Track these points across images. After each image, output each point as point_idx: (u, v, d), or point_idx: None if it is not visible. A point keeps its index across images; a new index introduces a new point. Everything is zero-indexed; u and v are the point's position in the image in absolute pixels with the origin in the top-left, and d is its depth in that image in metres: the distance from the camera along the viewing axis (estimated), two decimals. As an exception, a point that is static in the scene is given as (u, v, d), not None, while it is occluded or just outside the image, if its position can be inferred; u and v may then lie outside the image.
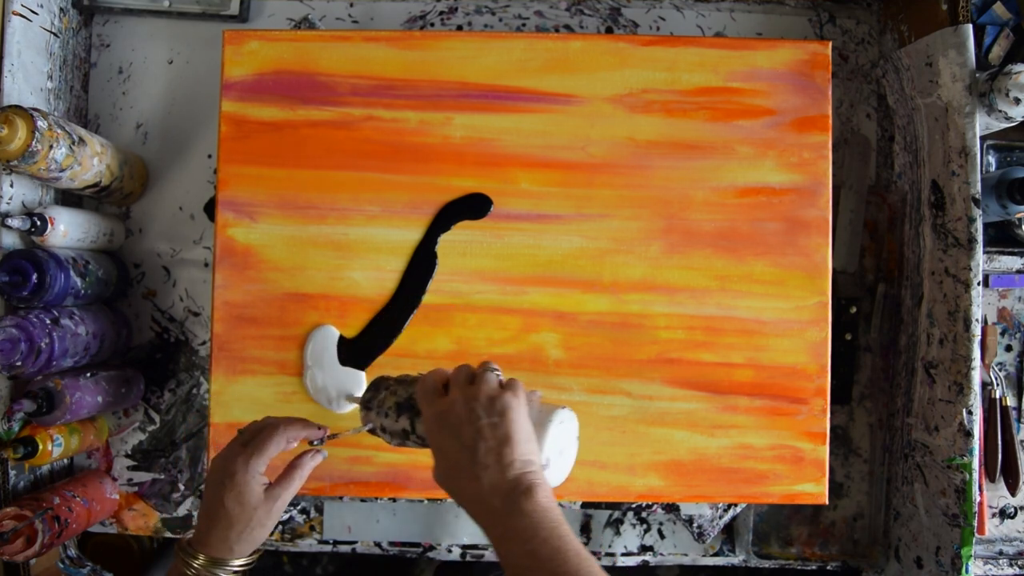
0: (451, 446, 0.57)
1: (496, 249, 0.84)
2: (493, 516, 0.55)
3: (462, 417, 0.57)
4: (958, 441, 0.85)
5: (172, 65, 1.00)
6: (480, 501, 0.56)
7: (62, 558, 0.93)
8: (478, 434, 0.56)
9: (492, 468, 0.55)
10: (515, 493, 0.54)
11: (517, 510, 0.54)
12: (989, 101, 0.84)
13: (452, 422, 0.58)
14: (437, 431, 0.58)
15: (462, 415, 0.57)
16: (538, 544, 0.52)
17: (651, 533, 1.00)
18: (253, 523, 0.60)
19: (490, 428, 0.56)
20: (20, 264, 0.81)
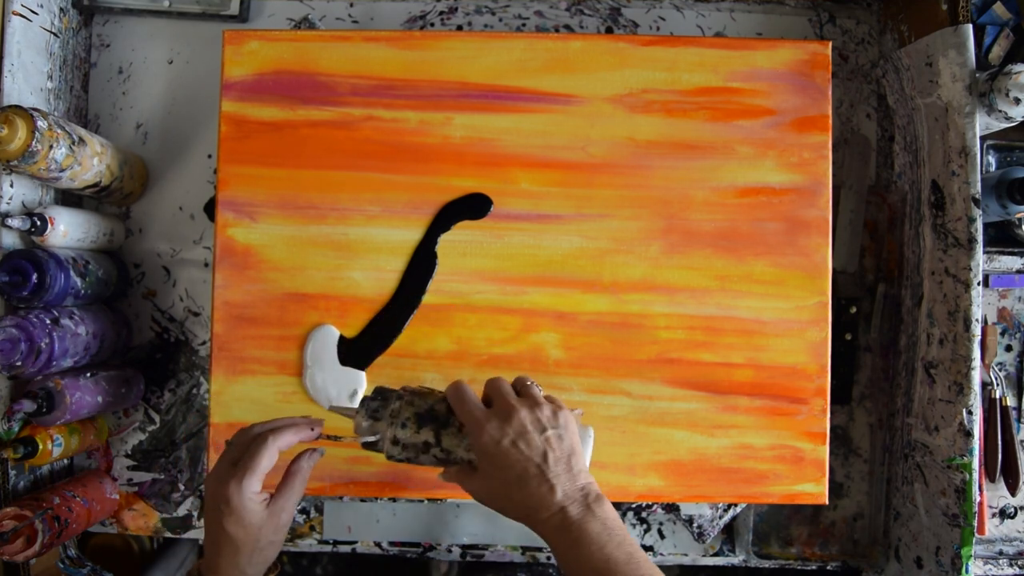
0: (517, 458, 0.58)
1: (496, 249, 0.84)
2: (566, 523, 0.56)
3: (529, 429, 0.59)
4: (958, 441, 0.85)
5: (172, 65, 1.00)
6: (551, 510, 0.57)
7: (62, 558, 0.93)
8: (547, 445, 0.58)
9: (563, 477, 0.58)
10: (588, 500, 0.57)
11: (592, 516, 0.56)
12: (989, 101, 0.84)
13: (518, 433, 0.58)
14: (495, 444, 0.58)
15: (528, 427, 0.59)
16: (613, 548, 0.55)
17: (651, 533, 1.00)
18: (261, 543, 0.59)
19: (557, 439, 0.59)
20: (20, 264, 0.81)
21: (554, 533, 0.57)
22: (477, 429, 0.60)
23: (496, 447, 0.58)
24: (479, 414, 0.60)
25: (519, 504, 0.58)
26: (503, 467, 0.58)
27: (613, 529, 0.56)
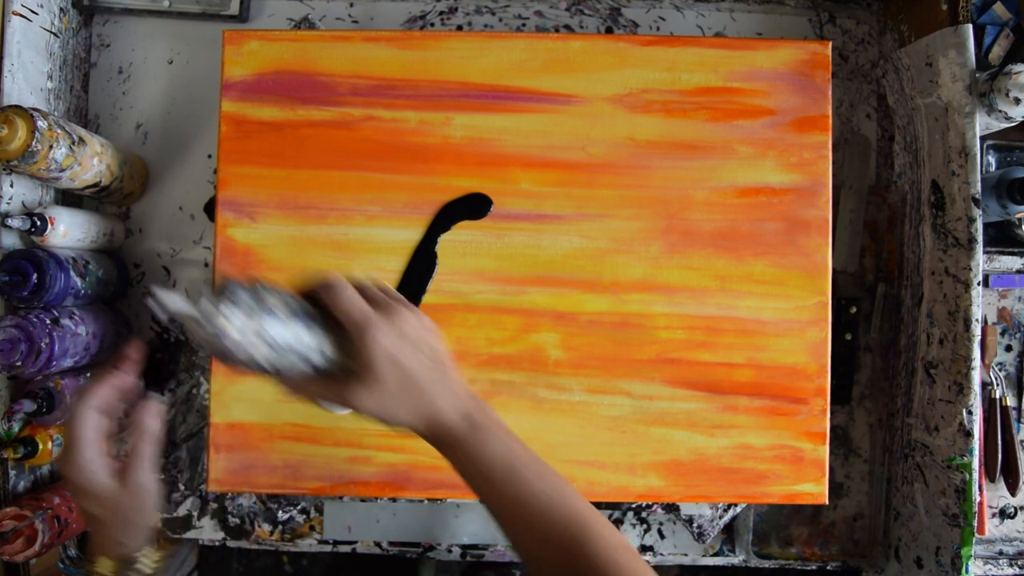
0: (415, 362, 0.54)
1: (496, 249, 0.84)
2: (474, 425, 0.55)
3: (420, 330, 0.55)
4: (958, 441, 0.85)
5: (172, 65, 1.00)
6: (455, 414, 0.55)
7: (62, 558, 0.93)
8: (439, 347, 0.56)
9: (458, 381, 0.56)
10: (480, 402, 0.57)
11: (491, 417, 0.56)
12: (989, 101, 0.84)
13: (410, 335, 0.54)
14: (389, 347, 0.52)
15: (419, 329, 0.55)
16: (515, 443, 0.56)
17: (651, 533, 1.00)
18: (124, 513, 0.54)
19: (443, 342, 0.57)
20: (20, 264, 0.81)
21: (459, 438, 0.55)
22: (364, 330, 0.52)
23: (397, 348, 0.53)
24: (366, 312, 0.53)
25: (418, 412, 0.54)
26: (399, 372, 0.53)
27: (507, 427, 0.57)
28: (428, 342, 0.55)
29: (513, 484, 0.53)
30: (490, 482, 0.54)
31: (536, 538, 0.52)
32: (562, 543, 0.51)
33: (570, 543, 0.51)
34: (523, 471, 0.54)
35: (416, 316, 0.55)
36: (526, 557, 0.53)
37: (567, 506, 0.52)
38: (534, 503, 0.52)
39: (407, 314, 0.54)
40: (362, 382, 0.53)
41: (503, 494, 0.53)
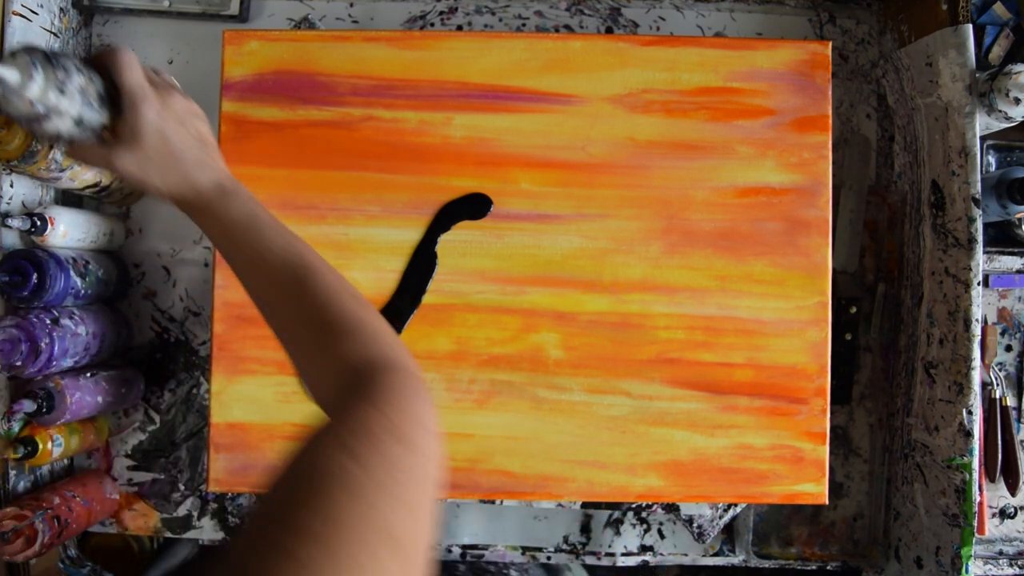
0: (181, 136, 0.60)
1: (496, 249, 0.84)
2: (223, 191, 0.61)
3: (190, 118, 0.61)
4: (958, 441, 0.85)
5: (172, 65, 1.00)
6: (210, 182, 0.61)
7: (62, 558, 0.93)
8: (204, 129, 0.63)
9: (218, 161, 0.63)
10: (234, 180, 0.63)
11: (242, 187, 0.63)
12: (989, 101, 0.84)
13: (181, 118, 0.60)
14: (160, 120, 0.59)
15: (192, 117, 0.61)
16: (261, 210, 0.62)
17: (651, 533, 1.00)
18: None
19: (207, 127, 0.63)
20: (20, 264, 0.81)
21: (208, 200, 0.61)
22: (138, 101, 0.58)
23: (162, 123, 0.59)
24: (144, 86, 0.59)
25: (172, 179, 0.60)
26: (161, 142, 0.59)
27: (257, 200, 0.62)
28: (194, 124, 0.62)
29: (251, 239, 0.59)
30: (233, 238, 0.60)
31: (268, 283, 0.58)
32: (290, 286, 0.57)
33: (296, 285, 0.56)
34: (261, 227, 0.60)
35: (187, 101, 0.62)
36: (262, 305, 0.59)
37: (296, 254, 0.58)
38: (268, 254, 0.58)
39: (179, 97, 0.62)
40: (128, 147, 0.59)
41: (242, 248, 0.59)
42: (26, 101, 0.54)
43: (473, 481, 0.83)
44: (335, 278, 0.58)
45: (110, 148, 0.59)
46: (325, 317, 0.54)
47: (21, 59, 0.54)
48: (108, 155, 0.59)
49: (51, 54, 0.55)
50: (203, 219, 0.61)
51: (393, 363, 0.50)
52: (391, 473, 0.41)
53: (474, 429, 0.83)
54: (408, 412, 0.46)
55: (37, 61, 0.54)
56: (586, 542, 1.00)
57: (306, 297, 0.56)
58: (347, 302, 0.55)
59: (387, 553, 0.37)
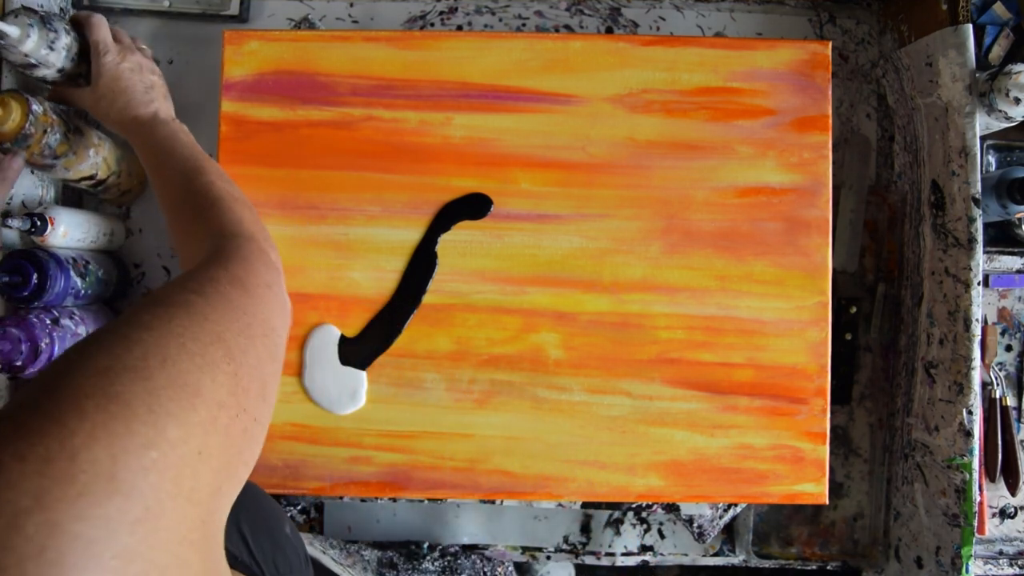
0: (128, 83, 0.77)
1: (496, 249, 0.84)
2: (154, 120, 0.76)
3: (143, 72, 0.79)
4: (958, 441, 0.85)
5: (172, 65, 1.00)
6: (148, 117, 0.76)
7: (62, 558, 0.93)
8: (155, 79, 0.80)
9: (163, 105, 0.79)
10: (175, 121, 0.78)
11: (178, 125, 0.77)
12: (989, 101, 0.84)
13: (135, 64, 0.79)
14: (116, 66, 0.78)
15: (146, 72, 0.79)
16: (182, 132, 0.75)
17: (651, 533, 1.00)
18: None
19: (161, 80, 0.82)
20: (20, 264, 0.81)
21: (143, 127, 0.75)
22: (101, 53, 0.77)
23: (117, 68, 0.77)
24: (108, 42, 0.78)
25: (121, 114, 0.76)
26: (114, 84, 0.77)
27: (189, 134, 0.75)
28: (146, 75, 0.79)
29: (165, 148, 0.71)
30: (153, 152, 0.72)
31: (167, 180, 0.68)
32: (182, 180, 0.66)
33: (186, 179, 0.66)
34: (175, 142, 0.72)
35: (144, 59, 0.81)
36: (161, 198, 0.68)
37: (195, 160, 0.69)
38: (171, 159, 0.69)
39: (139, 55, 0.80)
40: (90, 88, 0.78)
41: (158, 157, 0.71)
42: (21, 53, 0.75)
43: (473, 481, 0.83)
44: (220, 179, 0.67)
45: (77, 88, 0.79)
46: (200, 200, 0.63)
47: (21, 19, 0.74)
48: (75, 93, 0.79)
49: (45, 16, 0.76)
50: (136, 140, 0.74)
51: (248, 234, 0.57)
52: (231, 307, 0.44)
53: (474, 429, 0.83)
54: (251, 269, 0.51)
55: (34, 22, 0.75)
56: (586, 542, 1.00)
57: (191, 186, 0.65)
58: (222, 189, 0.64)
59: (219, 352, 0.39)
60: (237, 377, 0.39)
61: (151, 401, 0.33)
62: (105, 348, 0.35)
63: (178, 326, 0.38)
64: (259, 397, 0.42)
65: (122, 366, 0.34)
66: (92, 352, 0.35)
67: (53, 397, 0.31)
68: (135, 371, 0.34)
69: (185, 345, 0.37)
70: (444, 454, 0.83)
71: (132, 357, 0.35)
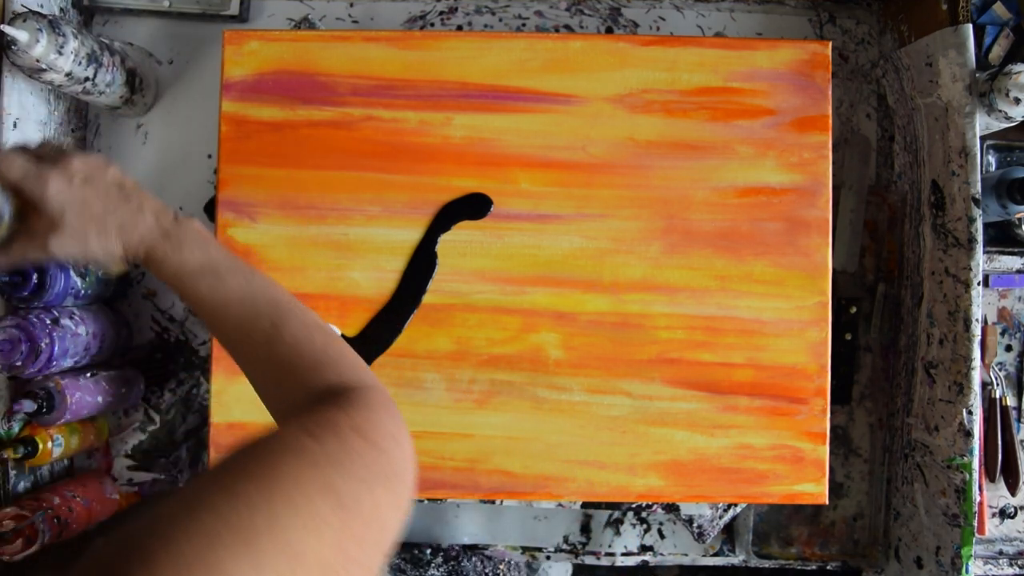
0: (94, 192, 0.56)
1: (496, 249, 0.84)
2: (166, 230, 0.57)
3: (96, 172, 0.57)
4: (958, 441, 0.85)
5: (172, 65, 1.00)
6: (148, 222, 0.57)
7: (62, 558, 0.93)
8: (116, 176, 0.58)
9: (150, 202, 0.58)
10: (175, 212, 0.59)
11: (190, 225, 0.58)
12: (989, 101, 0.84)
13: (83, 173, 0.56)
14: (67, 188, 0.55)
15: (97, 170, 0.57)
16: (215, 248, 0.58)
17: (651, 533, 1.00)
18: None
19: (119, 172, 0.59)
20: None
21: (156, 243, 0.57)
22: (36, 186, 0.55)
23: (69, 191, 0.55)
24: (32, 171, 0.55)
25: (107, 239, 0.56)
26: (75, 208, 0.55)
27: (210, 236, 0.58)
28: (103, 176, 0.57)
29: (209, 285, 0.56)
30: (191, 287, 0.56)
31: (234, 330, 0.55)
32: (257, 333, 0.54)
33: (264, 332, 0.54)
34: (218, 272, 0.56)
35: (83, 158, 0.57)
36: (230, 348, 0.56)
37: (261, 299, 0.56)
38: (231, 304, 0.55)
39: (76, 159, 0.57)
40: (53, 232, 0.55)
41: (203, 296, 0.56)
42: (31, 58, 0.63)
43: (473, 481, 0.83)
44: (300, 314, 0.56)
45: (40, 241, 0.56)
46: (296, 360, 0.53)
47: (30, 23, 0.63)
48: (42, 247, 0.56)
49: (53, 20, 0.61)
50: (158, 270, 0.57)
51: (363, 382, 0.51)
52: (349, 456, 0.41)
53: (474, 429, 0.83)
54: (374, 419, 0.46)
55: (43, 26, 0.62)
56: (586, 542, 1.00)
57: (275, 343, 0.54)
58: (317, 339, 0.54)
59: (326, 504, 0.37)
60: (347, 528, 0.37)
61: (253, 572, 0.32)
62: (208, 505, 0.34)
63: (286, 476, 0.37)
64: (374, 545, 0.40)
65: (226, 527, 0.33)
66: (195, 509, 0.34)
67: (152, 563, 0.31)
68: (238, 533, 0.33)
69: (292, 499, 0.36)
70: (444, 454, 0.83)
71: (237, 516, 0.34)
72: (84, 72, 0.83)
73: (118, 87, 0.90)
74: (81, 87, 0.85)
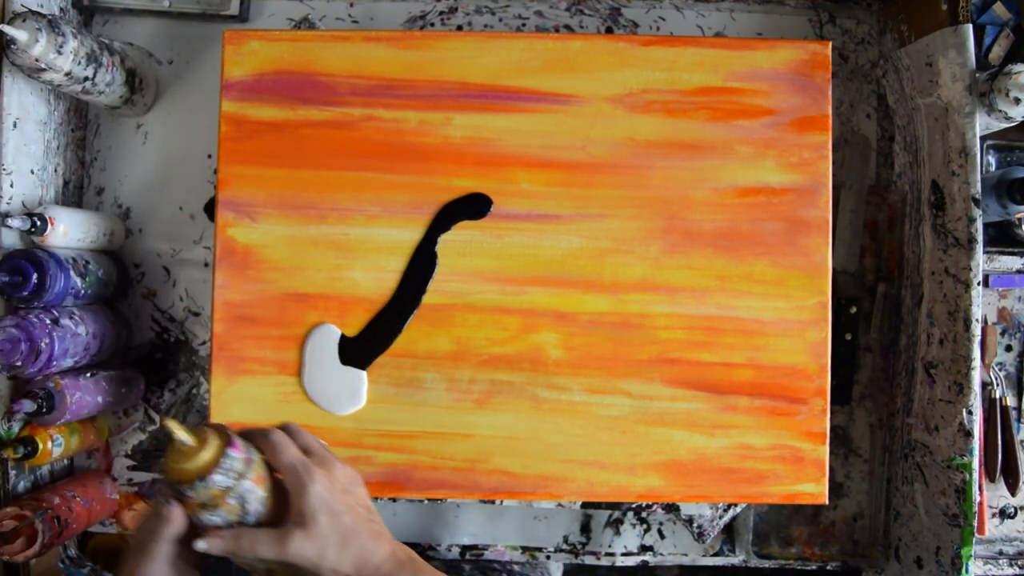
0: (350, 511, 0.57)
1: (496, 249, 0.84)
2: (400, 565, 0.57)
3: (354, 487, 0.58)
4: (958, 441, 0.85)
5: (172, 65, 1.00)
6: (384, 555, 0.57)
7: (62, 558, 0.93)
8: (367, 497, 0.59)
9: (383, 528, 0.58)
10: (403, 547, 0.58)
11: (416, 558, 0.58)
12: (989, 101, 0.84)
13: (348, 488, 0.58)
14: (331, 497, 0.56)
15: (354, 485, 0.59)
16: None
17: (651, 533, 1.00)
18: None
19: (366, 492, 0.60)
20: (20, 264, 0.81)
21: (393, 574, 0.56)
22: (306, 482, 0.55)
23: (330, 495, 0.56)
24: (307, 464, 0.56)
25: (352, 556, 0.55)
26: (337, 521, 0.55)
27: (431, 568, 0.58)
28: (358, 492, 0.59)
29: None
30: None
31: None
32: None
33: None
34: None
35: (346, 468, 0.59)
36: None
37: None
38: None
39: (340, 465, 0.58)
40: (302, 530, 0.54)
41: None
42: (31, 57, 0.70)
43: (473, 481, 0.83)
44: None
45: (280, 534, 0.54)
46: None
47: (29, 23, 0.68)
48: (280, 541, 0.54)
49: (52, 19, 0.64)
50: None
51: None
52: None
53: (474, 429, 0.83)
54: None
55: (42, 26, 0.67)
56: (586, 542, 1.00)
57: None
58: None
59: None
60: None
61: None
62: None
63: None
64: None
65: None
66: None
67: None
68: None
69: None
70: (444, 454, 0.83)
71: None
72: (84, 72, 0.83)
73: (118, 87, 0.91)
74: (81, 87, 0.85)
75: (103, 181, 0.99)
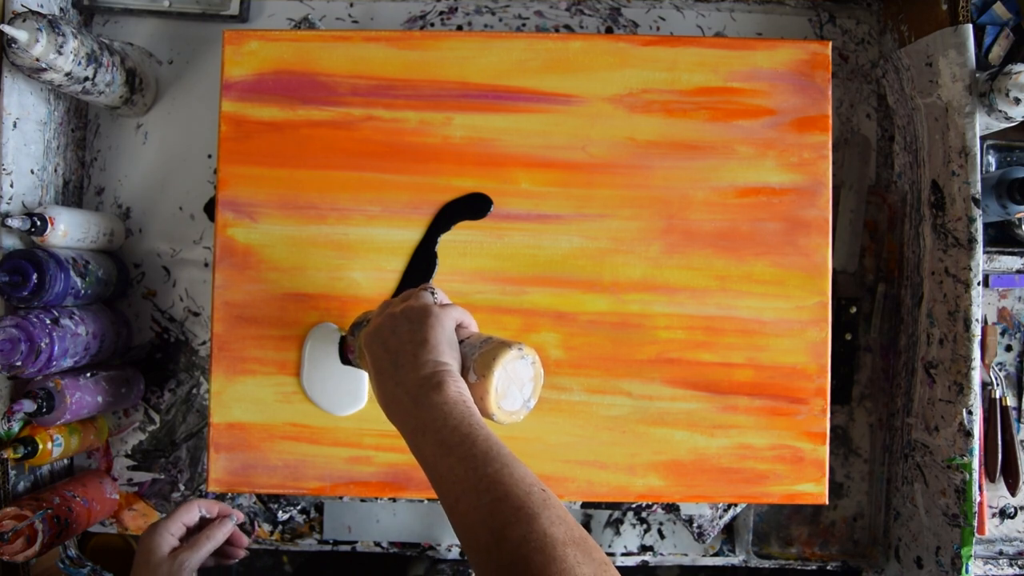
0: (378, 354, 0.60)
1: (496, 249, 0.84)
2: (405, 414, 0.55)
3: (387, 326, 0.61)
4: (958, 441, 0.85)
5: (172, 65, 1.00)
6: (396, 400, 0.57)
7: (62, 558, 0.93)
8: (399, 339, 0.59)
9: (407, 368, 0.57)
10: (425, 387, 0.55)
11: (426, 403, 0.54)
12: (989, 101, 0.84)
13: (382, 333, 0.61)
14: (369, 343, 0.61)
15: (387, 324, 0.61)
16: (448, 433, 0.52)
17: (651, 533, 1.00)
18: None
19: (408, 333, 0.59)
20: (20, 264, 0.81)
21: (401, 427, 0.56)
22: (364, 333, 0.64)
23: (367, 348, 0.61)
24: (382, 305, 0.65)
25: (380, 400, 0.58)
26: (372, 367, 0.61)
27: (450, 413, 0.53)
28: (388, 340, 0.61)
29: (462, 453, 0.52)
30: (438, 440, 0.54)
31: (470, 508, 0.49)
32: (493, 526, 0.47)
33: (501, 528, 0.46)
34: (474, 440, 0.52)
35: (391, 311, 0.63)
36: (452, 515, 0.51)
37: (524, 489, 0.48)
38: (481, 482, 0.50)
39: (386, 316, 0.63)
40: None
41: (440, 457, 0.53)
42: (31, 57, 0.72)
43: (473, 481, 0.83)
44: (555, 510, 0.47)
45: None
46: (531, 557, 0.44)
47: (29, 23, 0.71)
48: None
49: (52, 19, 0.69)
50: None
51: None
52: None
53: (474, 429, 0.83)
54: None
55: (42, 26, 0.72)
56: (586, 542, 1.00)
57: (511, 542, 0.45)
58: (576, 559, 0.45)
59: None
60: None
61: None
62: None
63: None
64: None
65: None
66: None
67: None
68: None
69: None
70: (444, 454, 0.83)
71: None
72: (84, 72, 0.83)
73: (118, 87, 0.91)
74: (81, 87, 0.85)
75: (103, 181, 0.99)
